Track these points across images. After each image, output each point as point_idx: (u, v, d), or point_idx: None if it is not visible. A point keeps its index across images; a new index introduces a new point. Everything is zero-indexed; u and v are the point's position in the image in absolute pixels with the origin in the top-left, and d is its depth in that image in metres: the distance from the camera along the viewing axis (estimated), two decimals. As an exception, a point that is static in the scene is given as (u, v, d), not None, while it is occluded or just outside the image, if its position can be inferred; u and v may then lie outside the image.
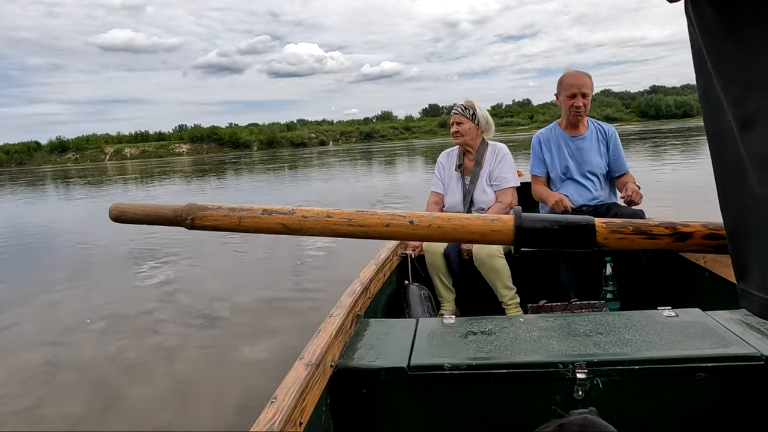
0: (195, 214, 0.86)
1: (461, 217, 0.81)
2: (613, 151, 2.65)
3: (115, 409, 2.53)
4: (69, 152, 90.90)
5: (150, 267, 5.61)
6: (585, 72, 2.59)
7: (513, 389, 1.30)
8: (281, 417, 1.03)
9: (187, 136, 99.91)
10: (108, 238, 7.60)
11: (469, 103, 2.68)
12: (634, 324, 1.45)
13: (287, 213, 0.84)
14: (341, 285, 1.90)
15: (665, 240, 0.75)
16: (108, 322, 3.85)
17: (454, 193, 2.72)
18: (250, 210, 0.85)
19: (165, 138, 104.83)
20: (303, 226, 0.83)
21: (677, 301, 2.11)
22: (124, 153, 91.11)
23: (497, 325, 1.52)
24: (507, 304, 2.46)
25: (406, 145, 56.94)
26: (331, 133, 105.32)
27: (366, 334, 1.55)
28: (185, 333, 3.50)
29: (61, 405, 2.60)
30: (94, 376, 2.92)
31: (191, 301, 4.26)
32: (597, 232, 0.75)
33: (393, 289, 2.45)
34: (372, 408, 1.35)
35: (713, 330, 1.37)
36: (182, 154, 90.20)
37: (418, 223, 0.81)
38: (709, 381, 1.24)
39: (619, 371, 1.26)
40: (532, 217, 0.78)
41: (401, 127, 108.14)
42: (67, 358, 3.20)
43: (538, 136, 2.77)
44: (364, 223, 0.83)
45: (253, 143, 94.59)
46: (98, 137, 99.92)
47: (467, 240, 0.81)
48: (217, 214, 0.86)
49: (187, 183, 19.65)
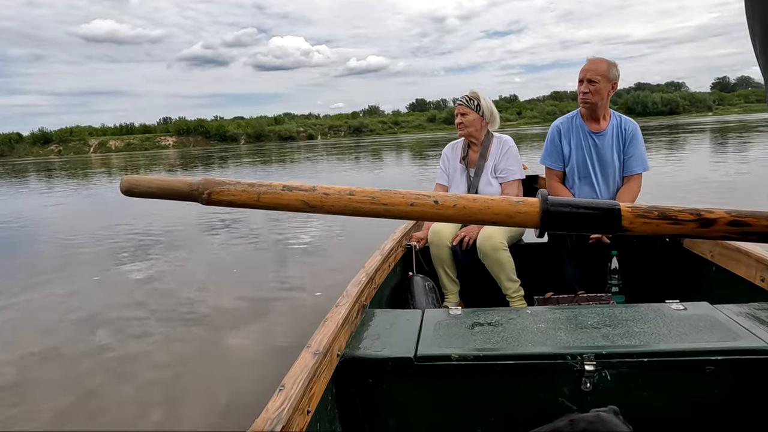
0: (212, 188, 0.82)
1: (487, 198, 0.79)
2: (628, 150, 2.48)
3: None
4: (52, 144, 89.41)
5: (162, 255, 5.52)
6: (605, 59, 2.41)
7: (520, 381, 1.29)
8: (290, 405, 1.03)
9: (173, 128, 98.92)
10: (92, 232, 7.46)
11: (473, 94, 2.62)
12: (642, 317, 1.44)
13: (308, 190, 0.81)
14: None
15: (690, 225, 0.74)
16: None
17: (459, 186, 2.69)
18: (270, 186, 0.82)
19: (150, 130, 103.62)
20: (324, 203, 0.81)
21: (684, 294, 2.11)
22: (108, 145, 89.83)
23: (504, 316, 1.51)
24: (511, 296, 2.46)
25: (395, 140, 56.85)
26: (319, 127, 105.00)
27: (372, 324, 1.54)
28: (171, 328, 3.45)
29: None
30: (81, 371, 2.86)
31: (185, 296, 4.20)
32: (622, 216, 0.75)
33: (397, 280, 2.43)
34: (377, 398, 1.34)
35: (722, 323, 1.36)
36: (168, 146, 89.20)
37: (443, 203, 0.79)
38: (718, 374, 1.23)
39: (628, 364, 1.26)
40: (557, 201, 0.77)
41: (390, 121, 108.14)
42: (47, 354, 3.12)
43: (558, 126, 2.58)
44: (388, 201, 0.80)
45: (241, 136, 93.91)
46: (82, 129, 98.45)
47: (492, 221, 0.78)
48: (235, 189, 0.82)
49: (179, 175, 19.40)
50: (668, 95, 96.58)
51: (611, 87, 2.42)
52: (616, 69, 2.41)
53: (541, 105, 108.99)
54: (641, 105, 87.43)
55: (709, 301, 1.52)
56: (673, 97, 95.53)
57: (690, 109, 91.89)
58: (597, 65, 2.39)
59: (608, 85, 2.40)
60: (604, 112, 2.50)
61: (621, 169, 2.52)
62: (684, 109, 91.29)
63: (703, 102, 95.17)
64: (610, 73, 2.39)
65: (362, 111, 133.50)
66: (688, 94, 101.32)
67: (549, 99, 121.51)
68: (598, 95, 2.40)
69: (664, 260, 2.33)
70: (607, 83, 2.40)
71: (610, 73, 2.39)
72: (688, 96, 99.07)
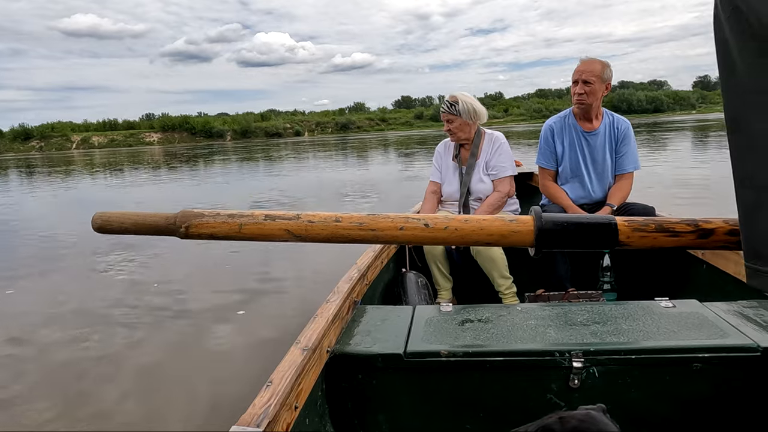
0: (189, 221, 0.81)
1: (478, 219, 0.78)
2: (620, 148, 2.50)
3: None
4: (33, 140, 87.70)
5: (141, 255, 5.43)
6: (599, 59, 2.40)
7: (509, 377, 1.30)
8: (276, 400, 1.02)
9: (158, 124, 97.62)
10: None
11: (452, 99, 2.60)
12: (631, 314, 1.45)
13: (292, 219, 0.80)
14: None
15: (687, 237, 0.75)
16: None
17: (452, 183, 2.69)
18: (251, 216, 0.80)
19: (134, 126, 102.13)
20: (309, 232, 0.79)
21: (675, 292, 2.13)
22: (91, 141, 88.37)
23: (494, 313, 1.52)
24: (504, 293, 2.46)
25: (383, 137, 56.79)
26: (306, 123, 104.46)
27: (363, 321, 1.54)
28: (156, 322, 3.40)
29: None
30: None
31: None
32: (619, 231, 0.74)
33: (390, 276, 2.43)
34: (367, 393, 1.34)
35: (710, 321, 1.37)
36: (153, 143, 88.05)
37: (434, 226, 0.78)
38: (705, 371, 1.24)
39: (616, 360, 1.26)
40: (552, 218, 0.76)
41: (377, 118, 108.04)
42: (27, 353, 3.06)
43: (551, 126, 2.59)
44: (376, 227, 0.79)
45: (227, 133, 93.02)
46: (64, 125, 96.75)
47: (485, 243, 0.78)
48: (214, 221, 0.80)
49: (166, 174, 19.11)
50: (652, 93, 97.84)
51: (605, 87, 2.43)
52: (610, 69, 2.42)
53: (527, 103, 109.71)
54: (626, 103, 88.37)
55: (699, 299, 1.53)
56: (658, 95, 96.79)
57: (674, 107, 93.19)
58: (592, 66, 2.39)
59: (602, 86, 2.41)
60: (597, 111, 2.51)
61: (613, 167, 2.53)
62: (668, 107, 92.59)
63: (686, 100, 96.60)
64: (605, 74, 2.40)
65: (348, 108, 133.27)
66: (672, 92, 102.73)
67: (534, 97, 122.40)
68: (593, 96, 2.40)
69: (656, 258, 2.35)
70: (601, 84, 2.40)
71: (604, 73, 2.39)
72: (672, 94, 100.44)
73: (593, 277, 2.46)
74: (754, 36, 0.57)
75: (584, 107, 2.46)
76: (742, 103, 0.61)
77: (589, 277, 2.48)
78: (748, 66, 0.59)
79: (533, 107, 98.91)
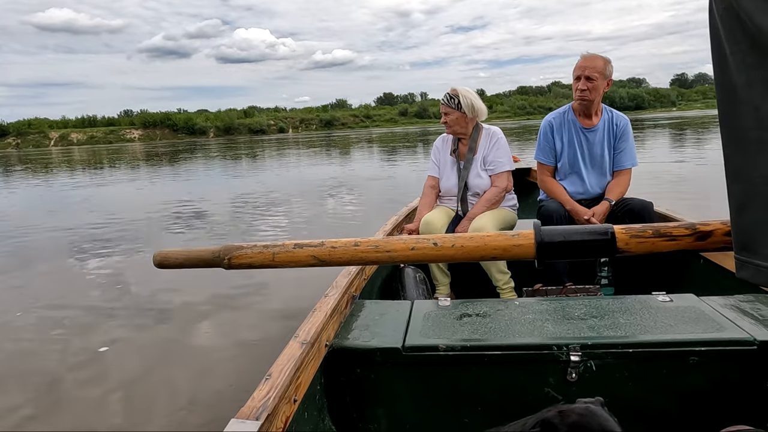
0: (231, 254, 0.91)
1: (483, 236, 0.86)
2: (618, 145, 2.50)
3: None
4: (9, 137, 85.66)
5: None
6: (601, 55, 2.40)
7: (507, 371, 1.30)
8: (276, 393, 1.03)
9: (138, 121, 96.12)
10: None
11: (453, 92, 2.60)
12: (628, 308, 1.46)
13: (317, 246, 0.89)
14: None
15: (686, 240, 0.77)
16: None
17: (450, 178, 2.69)
18: (283, 246, 0.91)
19: (114, 123, 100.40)
20: (332, 256, 0.89)
21: (672, 286, 2.15)
22: (70, 138, 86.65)
23: (492, 307, 1.52)
24: (502, 288, 2.47)
25: (368, 134, 56.67)
26: (290, 120, 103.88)
27: (361, 315, 1.54)
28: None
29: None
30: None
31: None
32: (617, 238, 0.77)
33: (388, 271, 2.41)
34: (366, 387, 1.35)
35: (707, 315, 1.38)
36: (134, 140, 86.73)
37: (442, 245, 0.87)
38: (701, 365, 1.25)
39: (613, 354, 1.27)
40: (551, 231, 0.82)
41: (362, 115, 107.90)
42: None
43: (550, 122, 2.59)
44: (390, 248, 0.88)
45: (210, 129, 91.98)
46: (41, 121, 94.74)
47: (490, 257, 0.86)
48: (252, 252, 0.91)
49: (154, 173, 18.62)
50: (634, 90, 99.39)
51: (606, 84, 2.44)
52: (611, 65, 2.43)
53: (510, 100, 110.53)
54: (609, 100, 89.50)
55: (696, 293, 1.54)
56: (639, 92, 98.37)
57: (655, 104, 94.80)
58: (594, 62, 2.38)
59: (604, 82, 2.42)
60: (597, 108, 2.51)
61: (611, 164, 2.54)
62: (649, 104, 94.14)
63: (667, 97, 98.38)
64: (607, 70, 2.40)
65: (330, 105, 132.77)
66: (652, 90, 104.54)
67: (515, 94, 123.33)
68: (596, 92, 2.41)
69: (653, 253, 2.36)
70: (603, 80, 2.41)
71: (606, 70, 2.40)
72: (653, 91, 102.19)
73: (591, 272, 2.47)
74: (745, 33, 0.59)
75: (586, 103, 2.46)
76: (732, 98, 0.63)
77: (586, 272, 2.49)
78: (737, 62, 0.61)
79: (517, 104, 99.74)
